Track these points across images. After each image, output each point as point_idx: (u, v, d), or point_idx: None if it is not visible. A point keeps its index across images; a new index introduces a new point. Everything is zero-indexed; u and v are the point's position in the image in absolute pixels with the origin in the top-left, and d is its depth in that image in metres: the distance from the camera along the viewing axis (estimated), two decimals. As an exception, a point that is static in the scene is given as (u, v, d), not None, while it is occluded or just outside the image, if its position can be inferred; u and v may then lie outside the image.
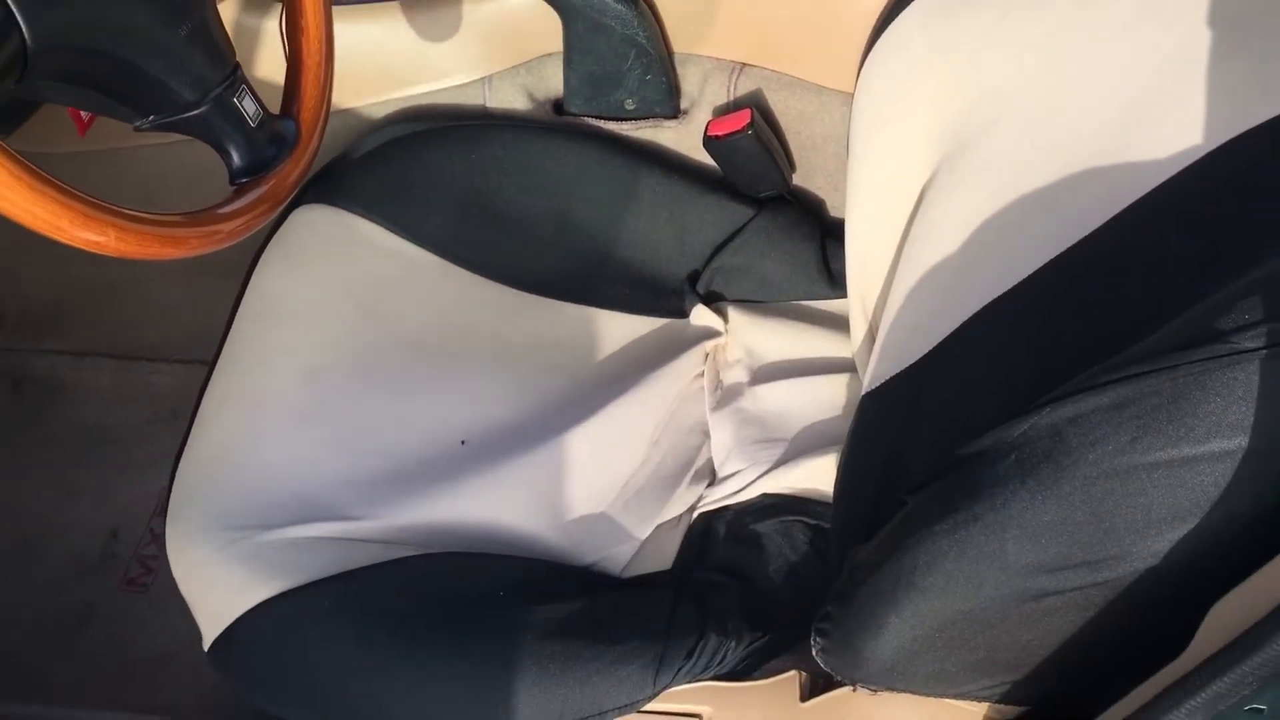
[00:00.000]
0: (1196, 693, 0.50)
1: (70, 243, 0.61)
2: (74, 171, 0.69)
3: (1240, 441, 0.52)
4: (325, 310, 0.93)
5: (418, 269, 0.98)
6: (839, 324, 1.01)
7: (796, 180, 1.08)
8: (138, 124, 0.71)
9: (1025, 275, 0.75)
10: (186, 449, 0.87)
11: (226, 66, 0.72)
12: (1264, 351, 0.49)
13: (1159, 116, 0.68)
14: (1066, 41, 0.76)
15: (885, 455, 0.80)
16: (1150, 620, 0.59)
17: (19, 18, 0.59)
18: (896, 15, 0.90)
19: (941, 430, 0.74)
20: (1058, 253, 0.73)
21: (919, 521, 0.64)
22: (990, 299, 0.77)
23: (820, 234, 1.04)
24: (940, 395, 0.77)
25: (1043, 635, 0.64)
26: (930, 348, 0.81)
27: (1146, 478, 0.54)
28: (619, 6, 0.99)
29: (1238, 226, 0.60)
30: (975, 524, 0.60)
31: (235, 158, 0.73)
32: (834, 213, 1.09)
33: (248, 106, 0.73)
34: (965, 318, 0.79)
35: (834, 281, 1.02)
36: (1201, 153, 0.65)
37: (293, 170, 0.76)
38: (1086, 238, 0.72)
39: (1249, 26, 0.64)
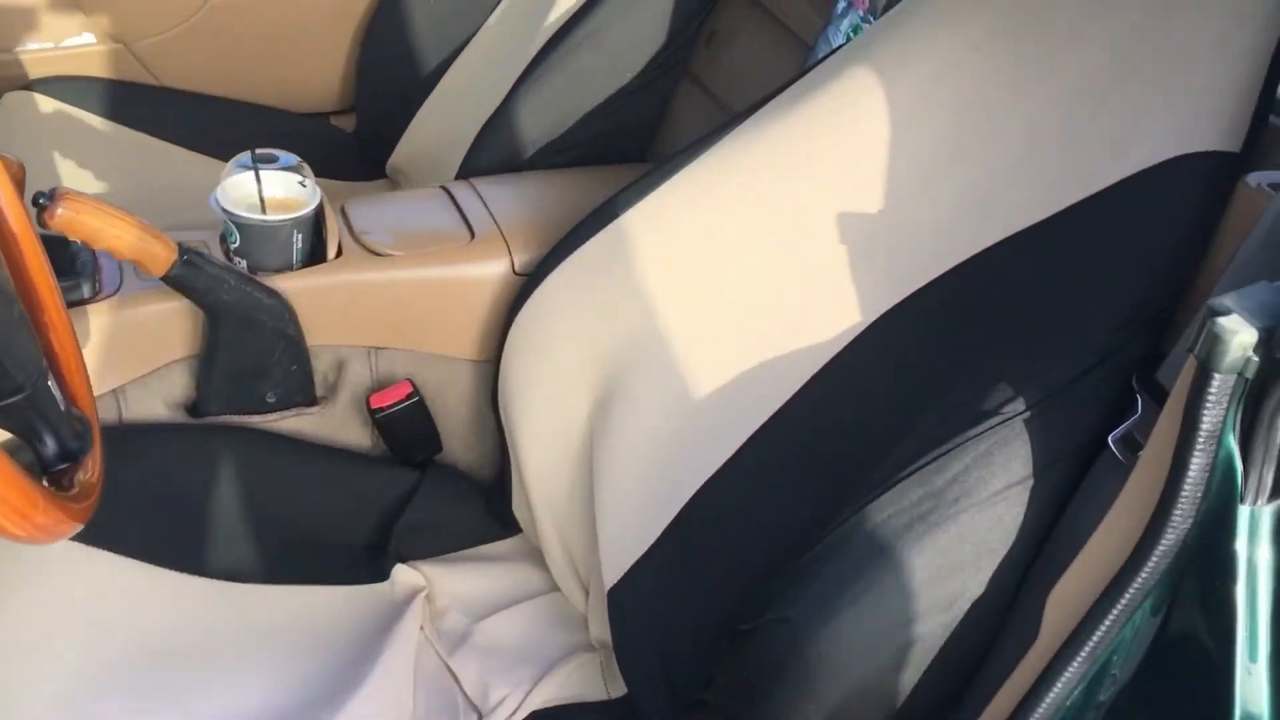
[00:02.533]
0: (1067, 665, 0.70)
1: None
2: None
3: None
4: (49, 637, 0.83)
5: (127, 578, 0.91)
6: (521, 556, 1.11)
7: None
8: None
9: (734, 450, 0.94)
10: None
11: (40, 353, 0.68)
12: (1026, 413, 0.74)
13: (809, 311, 0.93)
14: (714, 273, 0.99)
15: (663, 614, 0.92)
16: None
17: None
18: (534, 288, 1.07)
19: (729, 565, 0.89)
20: (756, 428, 0.94)
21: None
22: (708, 476, 0.95)
23: (479, 487, 1.15)
24: (701, 551, 0.92)
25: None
26: (660, 532, 0.96)
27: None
28: (271, 301, 1.05)
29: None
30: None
31: (49, 445, 0.68)
32: (478, 468, 1.20)
33: (56, 392, 0.69)
34: (687, 499, 0.96)
35: (504, 523, 1.13)
36: (860, 329, 0.91)
37: (98, 456, 0.72)
38: (777, 412, 0.93)
39: (866, 236, 0.92)
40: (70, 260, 1.03)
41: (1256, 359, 0.61)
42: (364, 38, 1.73)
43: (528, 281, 1.09)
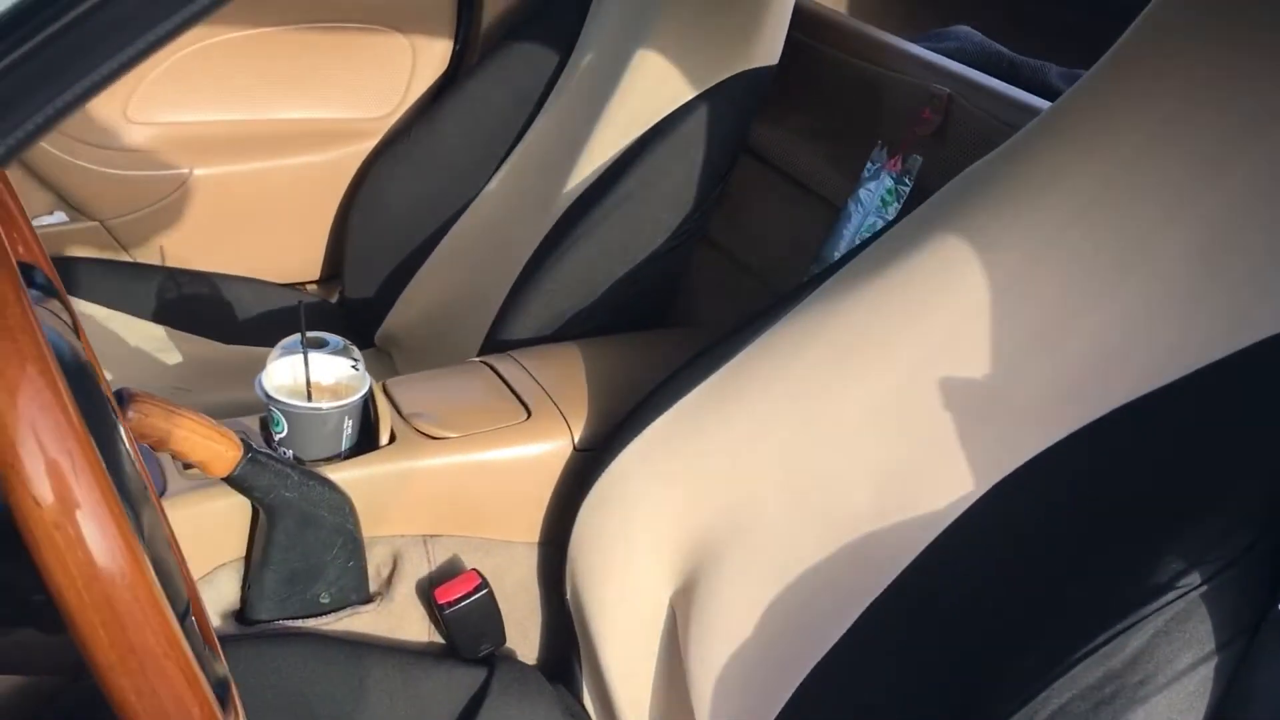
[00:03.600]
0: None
1: None
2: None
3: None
4: None
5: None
6: (596, 755, 1.04)
7: (504, 632, 1.11)
8: None
9: (847, 627, 0.90)
10: None
11: (183, 579, 0.61)
12: (1203, 586, 0.72)
13: (916, 482, 0.91)
14: (806, 448, 0.96)
15: None
16: None
17: None
18: (605, 466, 1.03)
19: None
20: (868, 604, 0.91)
21: None
22: (821, 656, 0.91)
23: (543, 680, 1.08)
24: None
25: None
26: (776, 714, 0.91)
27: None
28: (335, 495, 0.98)
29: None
30: None
31: (195, 690, 0.61)
32: (537, 658, 1.13)
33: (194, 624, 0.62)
34: (799, 682, 0.91)
35: (575, 718, 1.06)
36: (972, 499, 0.88)
37: (237, 697, 0.64)
38: (891, 585, 0.90)
39: (975, 403, 0.91)
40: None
41: None
42: (349, 207, 1.69)
43: (593, 458, 1.05)
